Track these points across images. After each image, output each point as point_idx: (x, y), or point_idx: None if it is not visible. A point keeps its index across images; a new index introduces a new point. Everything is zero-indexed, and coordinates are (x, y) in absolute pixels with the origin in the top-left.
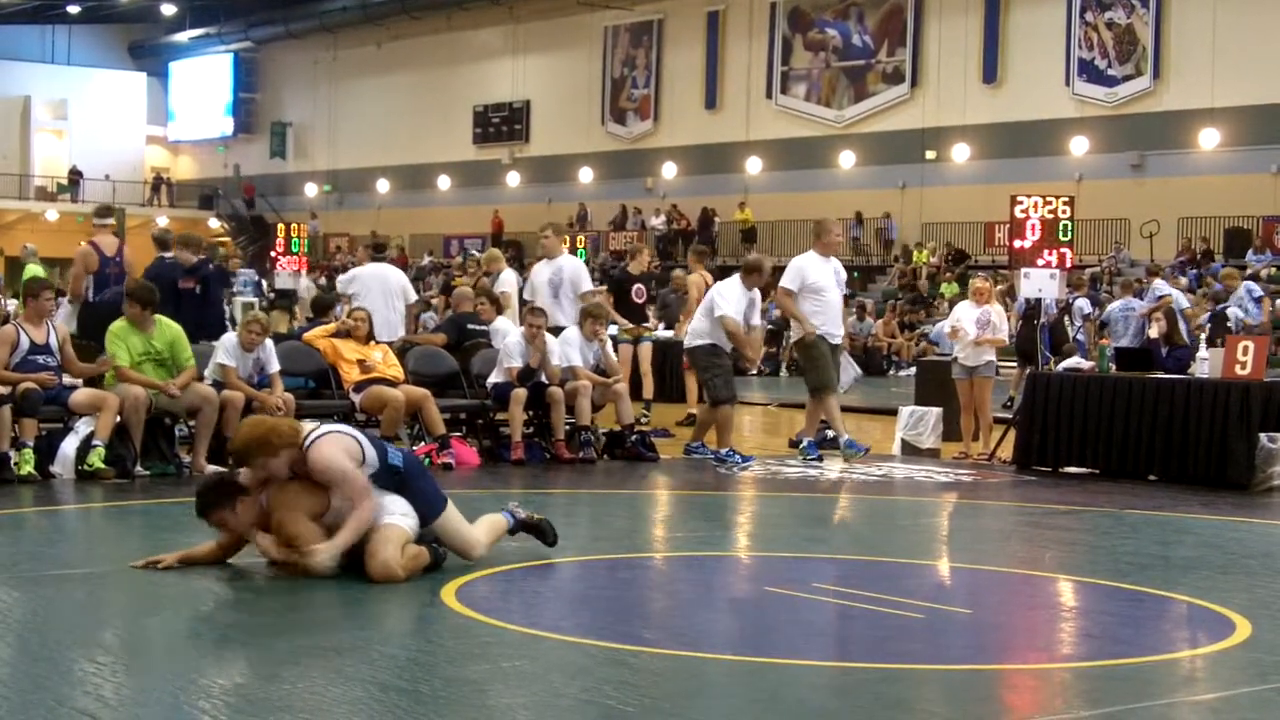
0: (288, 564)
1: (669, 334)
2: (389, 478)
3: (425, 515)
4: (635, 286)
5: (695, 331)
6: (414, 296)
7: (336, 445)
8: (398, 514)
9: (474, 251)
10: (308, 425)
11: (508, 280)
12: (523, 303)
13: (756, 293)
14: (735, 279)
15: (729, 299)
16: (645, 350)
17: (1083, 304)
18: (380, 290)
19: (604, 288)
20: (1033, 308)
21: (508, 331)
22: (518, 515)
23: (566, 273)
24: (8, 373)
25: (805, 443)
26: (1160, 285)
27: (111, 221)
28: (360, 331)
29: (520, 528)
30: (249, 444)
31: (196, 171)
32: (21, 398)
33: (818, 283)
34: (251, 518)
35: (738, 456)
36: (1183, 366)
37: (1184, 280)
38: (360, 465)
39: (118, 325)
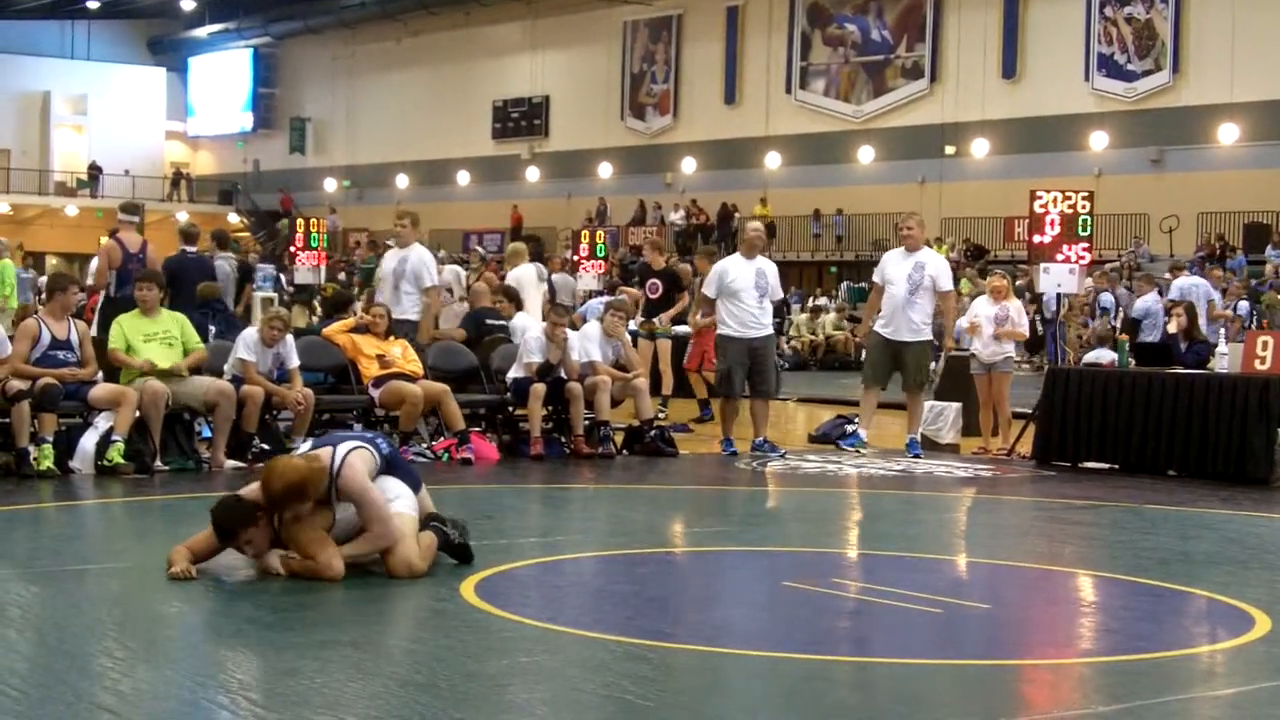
0: (299, 573)
1: (686, 329)
2: (385, 465)
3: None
4: (650, 282)
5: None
6: None
7: (362, 466)
8: (399, 498)
9: (476, 246)
10: (324, 453)
11: (516, 276)
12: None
13: (762, 261)
14: (736, 254)
15: (716, 275)
16: (664, 346)
17: (1106, 299)
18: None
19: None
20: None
21: (526, 327)
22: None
23: (410, 264)
24: (28, 367)
25: (912, 441)
26: (1176, 287)
27: (137, 219)
28: (379, 327)
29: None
30: (287, 492)
31: (216, 167)
32: (41, 392)
33: (888, 277)
34: (270, 536)
35: (732, 447)
36: (1202, 361)
37: (1219, 272)
38: (376, 465)
39: (123, 316)
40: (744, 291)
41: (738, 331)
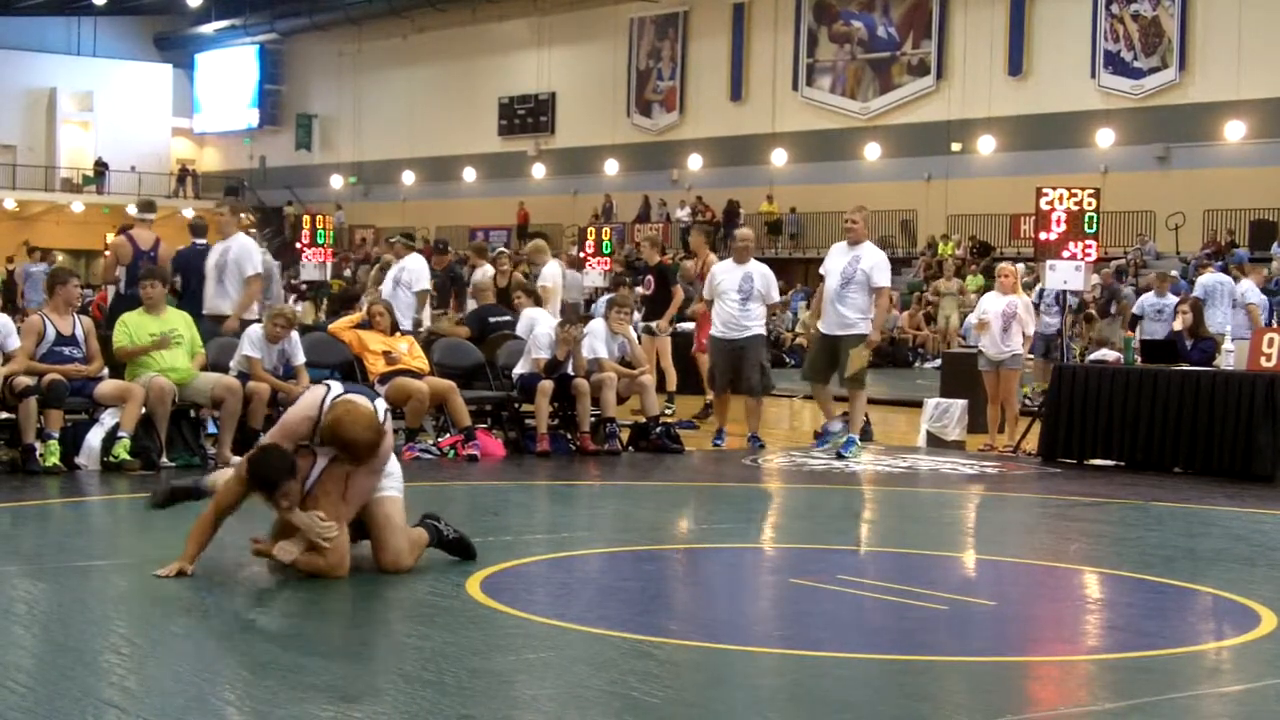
0: (306, 564)
1: (688, 326)
2: None
3: None
4: (645, 278)
5: None
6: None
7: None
8: (389, 475)
9: (502, 247)
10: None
11: (549, 273)
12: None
13: (752, 265)
14: (729, 259)
15: (709, 276)
16: (663, 344)
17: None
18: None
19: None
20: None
21: (536, 320)
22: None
23: (233, 254)
24: (34, 363)
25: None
26: (1200, 285)
27: (152, 217)
28: (383, 323)
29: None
30: (374, 441)
31: (222, 163)
32: (47, 389)
33: (827, 270)
34: (302, 489)
35: (722, 435)
36: (1208, 359)
37: (1266, 270)
38: None
39: (129, 314)
40: (728, 294)
41: (720, 332)
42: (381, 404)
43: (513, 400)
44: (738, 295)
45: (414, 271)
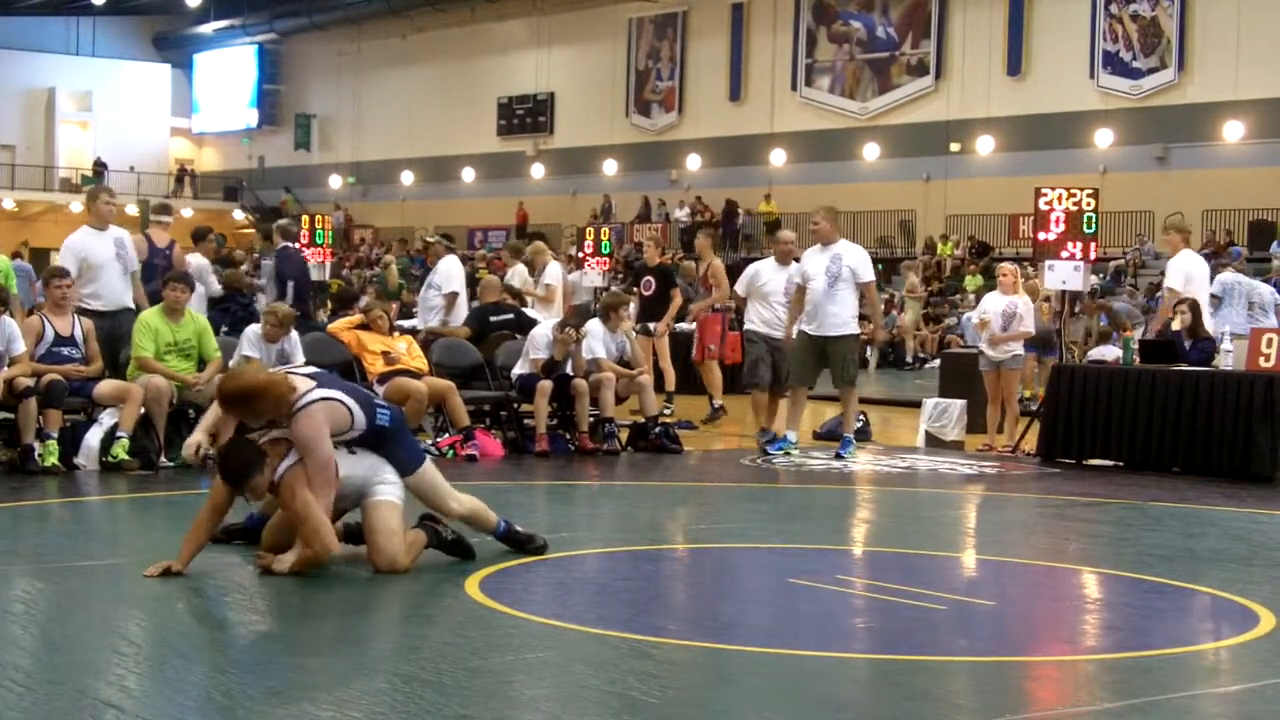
0: (301, 565)
1: (686, 326)
2: (373, 437)
3: (403, 468)
4: (644, 279)
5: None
6: None
7: (323, 418)
8: (390, 484)
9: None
10: (303, 385)
11: (553, 273)
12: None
13: (794, 268)
14: (770, 259)
15: (749, 276)
16: (661, 344)
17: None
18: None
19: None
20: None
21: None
22: (514, 528)
23: (130, 249)
24: (33, 364)
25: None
26: (1219, 283)
27: (169, 220)
28: (382, 325)
29: (507, 537)
30: (239, 396)
31: (221, 163)
32: (46, 389)
33: (807, 274)
34: (270, 479)
35: (768, 436)
36: (1207, 359)
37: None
38: (349, 430)
39: (149, 315)
40: (773, 295)
41: (763, 330)
42: (321, 394)
43: (511, 400)
44: (784, 297)
45: (445, 274)
